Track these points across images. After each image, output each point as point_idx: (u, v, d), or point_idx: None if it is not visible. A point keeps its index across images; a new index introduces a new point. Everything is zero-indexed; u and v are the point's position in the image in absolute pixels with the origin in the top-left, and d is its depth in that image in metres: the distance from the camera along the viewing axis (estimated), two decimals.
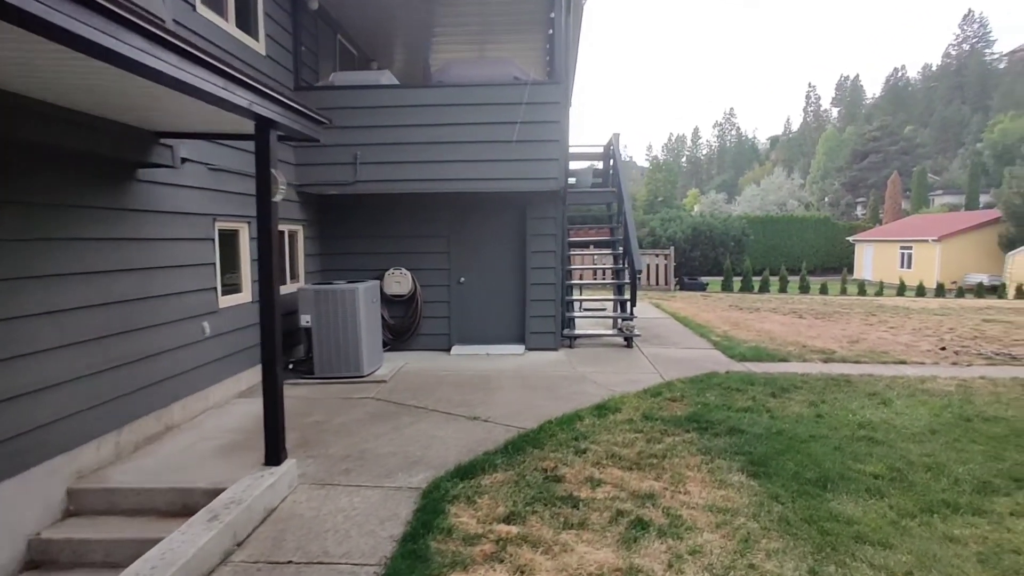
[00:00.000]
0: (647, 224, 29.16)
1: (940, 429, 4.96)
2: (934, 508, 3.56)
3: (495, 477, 4.09)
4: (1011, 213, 29.14)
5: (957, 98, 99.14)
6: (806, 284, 21.17)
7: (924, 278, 24.24)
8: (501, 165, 7.95)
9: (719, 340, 9.18)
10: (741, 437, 4.77)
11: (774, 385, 6.36)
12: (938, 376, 6.89)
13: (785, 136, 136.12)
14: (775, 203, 61.15)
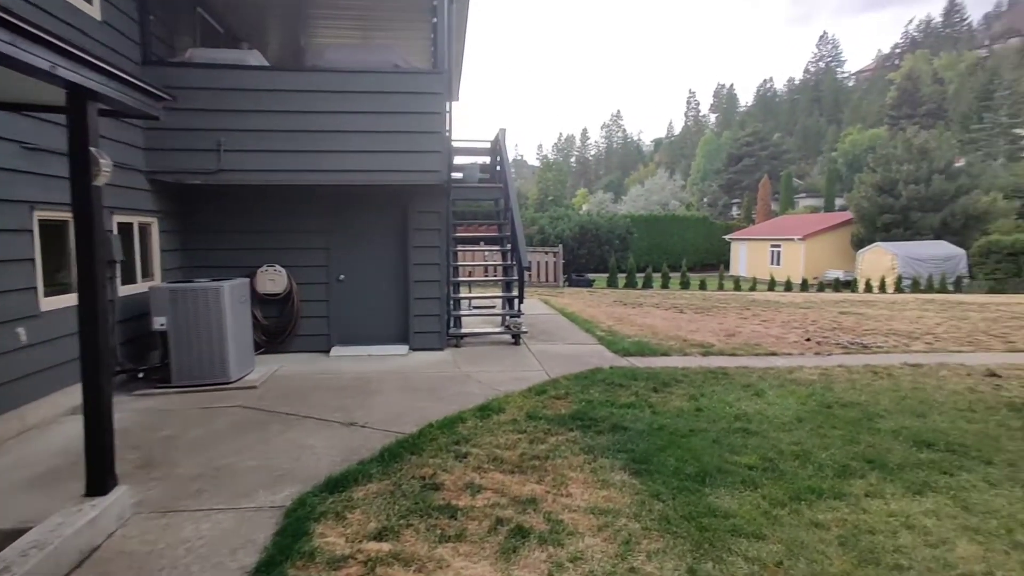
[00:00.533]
0: (537, 222, 29.65)
1: (806, 417, 5.30)
2: (801, 496, 3.73)
3: (369, 488, 3.81)
4: (861, 215, 32.74)
5: (816, 110, 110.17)
6: (687, 280, 22.47)
7: (791, 274, 26.62)
8: (381, 156, 7.60)
9: (604, 335, 9.38)
10: (624, 434, 4.81)
11: (656, 380, 6.54)
12: (804, 366, 7.43)
13: (668, 139, 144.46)
14: (658, 203, 64.62)
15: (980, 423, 5.23)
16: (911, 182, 30.97)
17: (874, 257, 28.32)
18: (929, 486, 3.92)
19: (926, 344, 9.26)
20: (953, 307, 15.10)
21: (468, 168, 10.69)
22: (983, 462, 4.33)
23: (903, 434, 4.87)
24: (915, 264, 26.18)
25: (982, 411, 5.59)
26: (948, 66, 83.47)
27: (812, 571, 2.92)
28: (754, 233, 41.31)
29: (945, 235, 29.65)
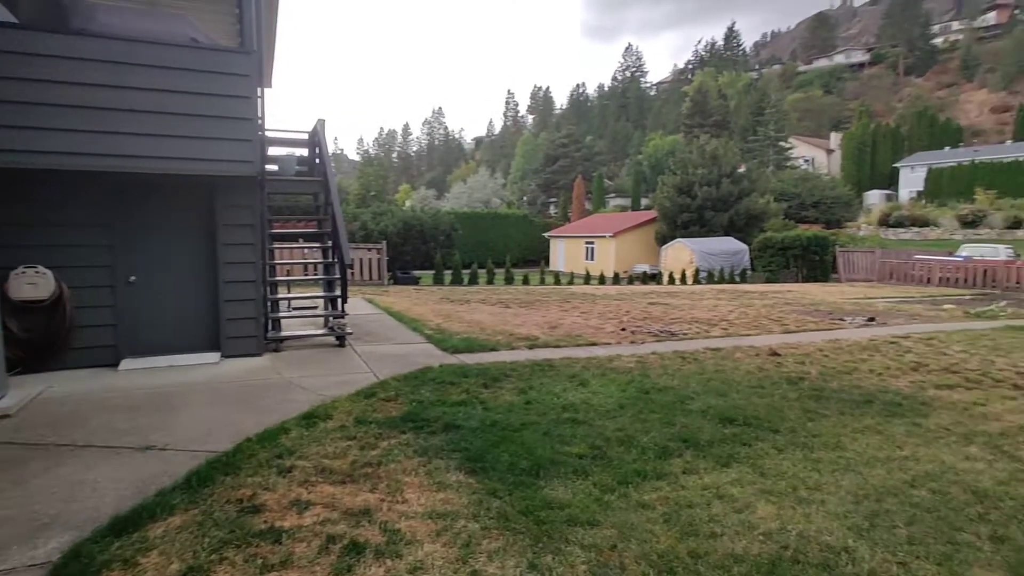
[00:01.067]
0: (359, 218, 28.74)
1: (627, 403, 5.68)
2: (628, 479, 3.97)
3: (171, 523, 3.30)
4: (664, 214, 36.47)
5: (623, 116, 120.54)
6: (510, 276, 23.26)
7: (604, 268, 28.83)
8: (178, 142, 6.73)
9: (432, 333, 9.30)
10: (457, 433, 4.76)
11: (486, 375, 6.60)
12: (622, 355, 8.01)
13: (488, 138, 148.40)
14: (481, 200, 66.13)
15: (768, 397, 6.01)
16: (705, 184, 35.22)
17: (675, 252, 31.75)
18: (733, 458, 4.39)
19: (722, 330, 10.52)
20: (741, 296, 17.42)
21: (284, 160, 9.92)
22: (772, 431, 4.97)
23: (710, 413, 5.42)
24: (709, 258, 29.82)
25: (769, 386, 6.45)
26: (729, 84, 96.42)
27: (642, 550, 3.10)
28: (570, 230, 44.09)
29: (732, 232, 34.19)
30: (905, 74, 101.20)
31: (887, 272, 25.44)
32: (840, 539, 3.23)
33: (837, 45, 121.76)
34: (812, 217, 46.15)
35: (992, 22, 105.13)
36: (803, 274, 27.27)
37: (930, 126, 70.83)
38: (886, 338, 9.77)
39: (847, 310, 13.95)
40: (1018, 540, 3.26)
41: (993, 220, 42.20)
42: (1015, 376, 7.12)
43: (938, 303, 16.33)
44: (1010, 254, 26.96)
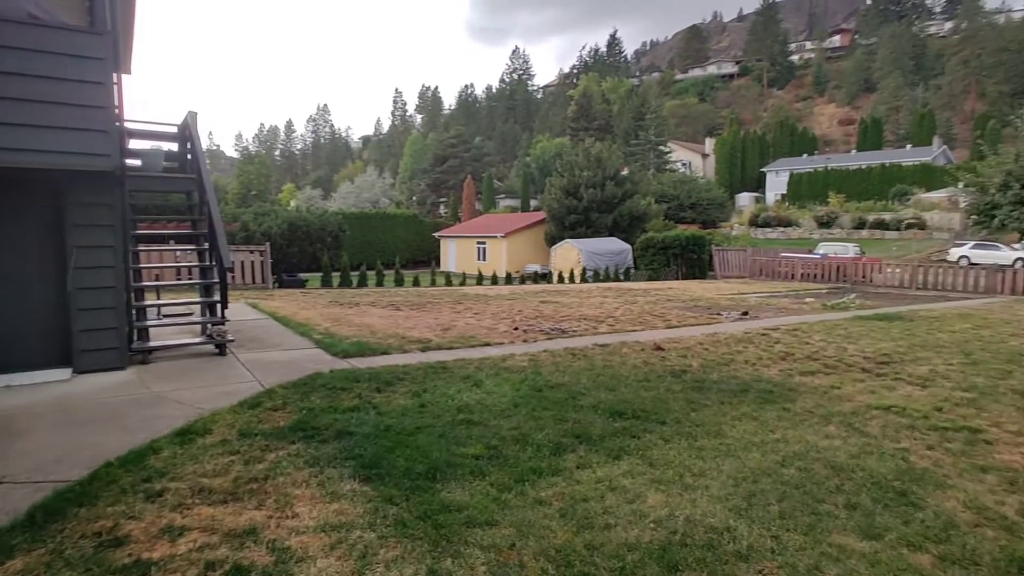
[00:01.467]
0: (239, 218, 27.14)
1: (521, 402, 5.78)
2: (525, 477, 4.04)
3: (10, 567, 2.93)
4: (552, 215, 37.42)
5: (512, 118, 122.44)
6: (401, 277, 22.92)
7: (496, 268, 29.12)
8: (15, 131, 5.99)
9: (321, 338, 8.97)
10: (351, 440, 4.62)
11: (379, 380, 6.46)
12: (515, 354, 8.14)
13: (376, 137, 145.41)
14: (369, 200, 64.64)
15: (654, 390, 6.34)
16: (590, 186, 36.55)
17: (564, 252, 32.71)
18: (624, 450, 4.59)
19: (609, 326, 10.96)
20: (626, 293, 18.25)
21: (150, 155, 9.09)
22: (659, 423, 5.25)
23: (601, 407, 5.64)
24: (595, 258, 30.99)
25: (654, 379, 6.81)
26: (612, 89, 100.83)
27: (541, 547, 3.17)
28: (461, 231, 44.18)
29: (616, 232, 35.73)
30: (768, 86, 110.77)
31: (757, 269, 27.67)
32: (722, 520, 3.48)
33: (710, 56, 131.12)
34: (690, 218, 49.31)
35: (837, 44, 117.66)
36: (683, 272, 29.08)
37: (791, 135, 78.09)
38: (758, 330, 10.62)
39: (723, 305, 15.02)
40: (867, 506, 3.67)
41: (843, 221, 47.18)
42: (863, 361, 8.00)
43: (801, 297, 17.99)
44: (857, 251, 30.25)
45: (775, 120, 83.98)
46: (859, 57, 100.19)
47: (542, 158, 70.93)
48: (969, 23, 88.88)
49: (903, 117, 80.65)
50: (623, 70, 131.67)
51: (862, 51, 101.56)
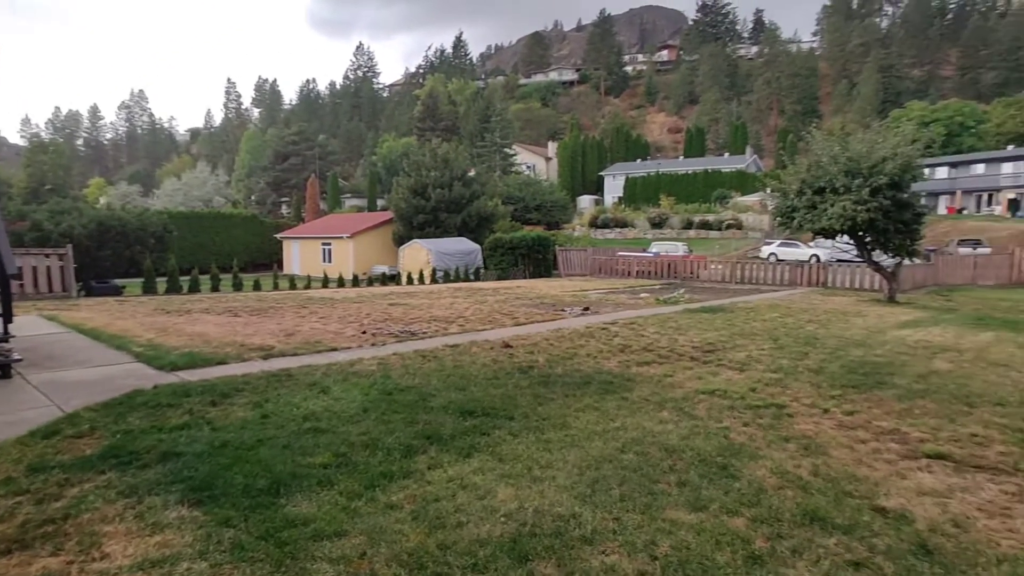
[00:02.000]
0: (30, 216, 23.63)
1: (371, 406, 5.64)
2: (376, 483, 3.95)
3: None
4: (400, 215, 36.94)
5: (357, 115, 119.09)
6: (239, 281, 21.36)
7: (343, 270, 28.15)
8: None
9: (143, 351, 8.09)
10: (179, 461, 4.21)
11: (214, 392, 5.97)
12: (363, 358, 7.92)
13: (207, 130, 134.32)
14: (200, 199, 59.60)
15: (503, 387, 6.50)
16: (438, 186, 36.60)
17: (413, 253, 32.44)
18: (474, 448, 4.65)
19: (459, 326, 11.06)
20: (475, 293, 18.51)
21: None
22: (508, 418, 5.39)
23: (451, 407, 5.66)
24: (445, 258, 31.10)
25: (503, 377, 6.97)
26: (458, 91, 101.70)
27: (393, 552, 3.11)
28: (305, 232, 42.17)
29: (465, 232, 36.12)
30: (605, 94, 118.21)
31: (597, 267, 29.40)
32: (569, 508, 3.65)
33: (551, 63, 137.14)
34: (536, 219, 51.18)
35: (665, 58, 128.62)
36: (530, 271, 30.13)
37: (626, 141, 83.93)
38: (599, 325, 11.29)
39: (567, 302, 15.78)
40: (695, 482, 4.05)
41: (673, 222, 51.61)
42: (692, 350, 8.82)
43: (637, 292, 19.43)
44: (686, 250, 33.28)
45: (612, 126, 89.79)
46: (684, 72, 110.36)
47: (389, 157, 69.83)
48: (770, 49, 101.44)
49: (722, 128, 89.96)
50: (469, 72, 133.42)
51: (686, 66, 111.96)
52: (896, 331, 10.99)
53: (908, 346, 9.42)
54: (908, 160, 15.20)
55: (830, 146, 16.39)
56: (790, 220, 16.62)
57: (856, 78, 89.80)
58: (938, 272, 24.77)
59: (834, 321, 12.31)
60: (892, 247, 16.26)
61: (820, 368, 7.64)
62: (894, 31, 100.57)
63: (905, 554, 3.20)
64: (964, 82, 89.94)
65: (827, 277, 22.68)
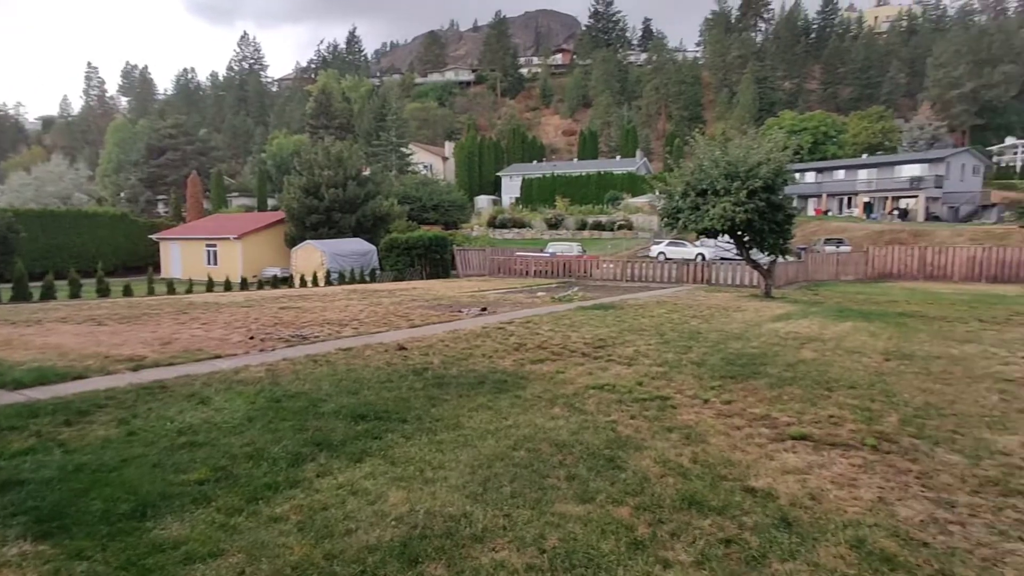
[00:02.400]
0: None
1: (256, 416, 5.34)
2: (259, 495, 3.74)
3: None
4: (292, 215, 35.44)
5: (243, 110, 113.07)
6: (105, 287, 19.60)
7: (230, 273, 26.55)
8: None
9: None
10: (21, 491, 3.77)
11: (69, 410, 5.42)
12: (250, 365, 7.50)
13: (63, 119, 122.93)
14: (56, 195, 54.32)
15: (396, 390, 6.38)
16: (331, 186, 35.41)
17: (306, 254, 31.20)
18: (366, 452, 4.53)
19: (353, 329, 10.75)
20: (371, 295, 18.09)
21: None
22: (401, 421, 5.29)
23: (343, 412, 5.48)
24: (340, 259, 30.15)
25: (397, 379, 6.85)
26: (352, 88, 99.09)
27: (274, 568, 2.95)
28: (187, 232, 39.50)
29: (360, 233, 35.19)
30: (502, 95, 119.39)
31: (496, 267, 29.63)
32: (460, 508, 3.63)
33: (448, 63, 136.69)
34: (433, 219, 50.80)
35: (560, 62, 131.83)
36: (427, 272, 29.85)
37: (522, 142, 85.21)
38: (495, 325, 11.36)
39: (465, 303, 15.77)
40: (584, 475, 4.16)
41: (569, 222, 52.98)
42: (584, 347, 9.07)
43: (534, 292, 19.76)
44: (580, 250, 34.23)
45: (508, 127, 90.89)
46: (577, 76, 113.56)
47: (280, 155, 66.71)
48: (658, 56, 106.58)
49: (613, 131, 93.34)
50: (363, 69, 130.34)
51: (580, 70, 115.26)
52: (770, 324, 11.86)
53: (780, 337, 10.20)
54: (780, 165, 16.49)
55: (711, 151, 17.45)
56: (676, 221, 17.55)
57: (736, 87, 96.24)
58: (808, 269, 27.05)
59: (716, 316, 13.11)
60: (767, 246, 17.56)
61: (702, 361, 8.10)
62: (767, 46, 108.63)
63: (769, 528, 3.46)
64: (826, 95, 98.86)
65: (711, 274, 24.15)
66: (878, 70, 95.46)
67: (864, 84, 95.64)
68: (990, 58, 77.95)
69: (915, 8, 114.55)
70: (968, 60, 75.93)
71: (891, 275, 28.43)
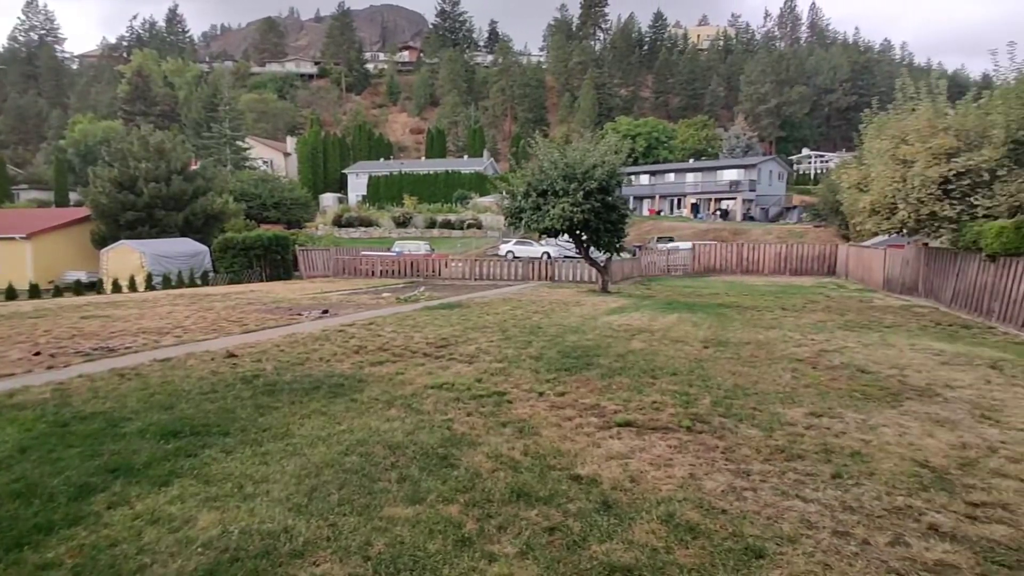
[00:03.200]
0: None
1: (33, 445, 4.59)
2: (25, 540, 3.18)
3: None
4: (101, 212, 31.53)
5: (33, 88, 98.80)
6: None
7: (14, 278, 22.97)
8: None
9: None
10: None
11: None
12: (32, 385, 6.48)
13: None
14: None
15: (221, 400, 5.85)
16: (152, 180, 31.99)
17: (120, 256, 27.90)
18: (175, 473, 4.07)
19: (175, 337, 9.75)
20: (201, 299, 16.57)
21: None
22: (223, 435, 4.84)
23: (150, 431, 4.90)
24: (164, 261, 27.32)
25: (222, 389, 6.28)
26: (176, 72, 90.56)
27: None
28: None
29: (189, 232, 32.17)
30: (347, 91, 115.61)
31: (341, 268, 28.54)
32: (281, 522, 3.37)
33: (288, 53, 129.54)
34: (274, 217, 47.89)
35: (407, 59, 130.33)
36: (267, 273, 28.00)
37: (368, 139, 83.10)
38: (336, 327, 10.88)
39: (305, 304, 14.98)
40: (416, 476, 4.06)
41: (417, 221, 52.54)
42: (426, 347, 8.95)
43: (379, 292, 19.26)
44: (428, 249, 34.03)
45: (354, 124, 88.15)
46: (424, 74, 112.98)
47: (84, 143, 59.20)
48: (504, 59, 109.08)
49: (461, 131, 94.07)
50: (188, 53, 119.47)
51: (427, 69, 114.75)
52: (605, 317, 12.54)
53: (613, 329, 10.80)
54: (613, 167, 17.51)
55: (550, 152, 18.11)
56: (518, 220, 18.02)
57: (577, 92, 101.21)
58: (642, 265, 29.13)
59: (556, 311, 13.62)
60: (603, 245, 18.59)
61: (540, 355, 8.33)
62: (605, 54, 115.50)
63: (591, 512, 3.59)
64: (658, 103, 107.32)
65: (554, 272, 25.12)
66: (702, 83, 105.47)
67: (690, 95, 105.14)
68: (788, 79, 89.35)
69: (730, 30, 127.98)
70: (771, 80, 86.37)
71: (715, 270, 31.43)
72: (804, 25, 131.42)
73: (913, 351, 9.10)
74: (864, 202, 17.08)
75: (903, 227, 16.33)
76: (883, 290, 20.87)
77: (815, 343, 9.63)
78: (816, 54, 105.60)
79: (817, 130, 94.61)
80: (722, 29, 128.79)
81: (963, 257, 14.94)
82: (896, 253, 20.65)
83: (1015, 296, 12.63)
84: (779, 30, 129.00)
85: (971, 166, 14.62)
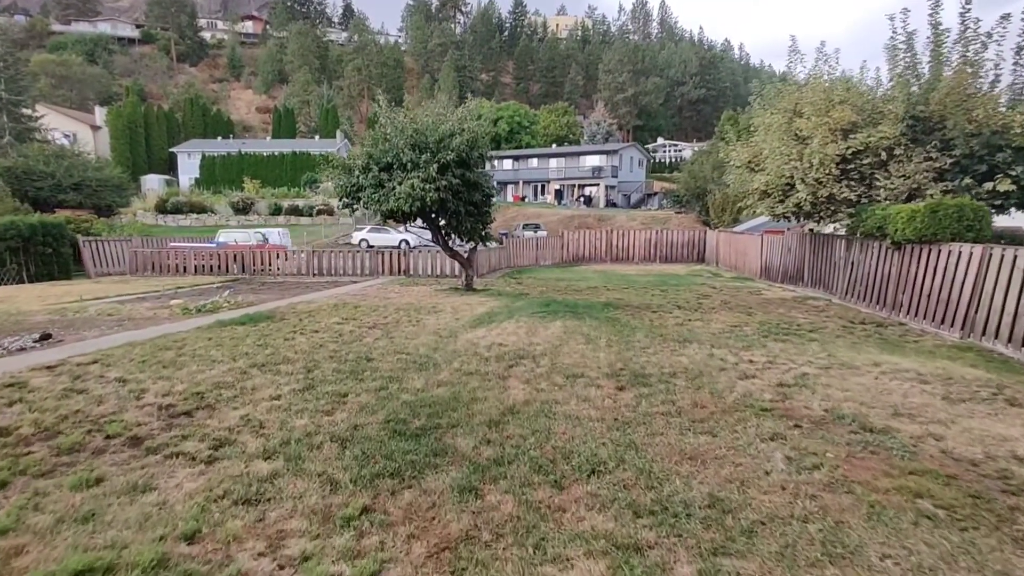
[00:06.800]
0: None
1: None
2: None
3: None
4: None
5: None
6: None
7: None
8: None
9: None
10: None
11: None
12: None
13: None
14: None
15: None
16: None
17: None
18: None
19: None
20: None
21: None
22: None
23: None
24: None
25: None
26: None
27: None
28: None
29: None
30: (178, 61, 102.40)
31: (144, 263, 22.80)
32: None
33: (101, 12, 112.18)
34: (74, 201, 39.42)
35: (250, 30, 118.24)
36: (32, 271, 21.54)
37: (204, 115, 73.36)
38: (26, 369, 6.51)
39: (28, 325, 10.10)
40: None
41: (260, 207, 46.11)
42: (147, 419, 4.97)
43: (172, 297, 14.49)
44: (261, 239, 28.70)
45: (186, 97, 77.50)
46: (272, 48, 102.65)
47: None
48: (359, 37, 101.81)
49: (313, 110, 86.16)
50: None
51: (274, 43, 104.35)
52: (470, 332, 9.14)
53: (481, 357, 7.39)
54: (475, 135, 14.03)
55: (395, 116, 14.32)
56: (356, 200, 13.99)
57: (437, 75, 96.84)
58: (510, 255, 26.15)
59: (403, 324, 9.99)
60: (466, 232, 15.16)
61: (353, 429, 4.72)
62: (466, 37, 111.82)
63: None
64: (519, 90, 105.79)
65: (409, 264, 21.40)
66: (561, 70, 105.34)
67: (550, 82, 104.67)
68: (644, 70, 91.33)
69: (587, 21, 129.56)
70: (628, 70, 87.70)
71: (584, 259, 29.24)
72: (655, 21, 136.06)
73: (886, 377, 6.58)
74: (757, 183, 15.06)
75: (798, 211, 14.47)
76: (762, 278, 19.39)
77: (759, 368, 6.87)
78: (668, 48, 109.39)
79: (671, 120, 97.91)
80: (580, 20, 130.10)
81: (859, 244, 13.24)
82: (775, 239, 19.16)
83: (928, 289, 10.88)
84: (632, 24, 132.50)
85: (870, 143, 12.91)
